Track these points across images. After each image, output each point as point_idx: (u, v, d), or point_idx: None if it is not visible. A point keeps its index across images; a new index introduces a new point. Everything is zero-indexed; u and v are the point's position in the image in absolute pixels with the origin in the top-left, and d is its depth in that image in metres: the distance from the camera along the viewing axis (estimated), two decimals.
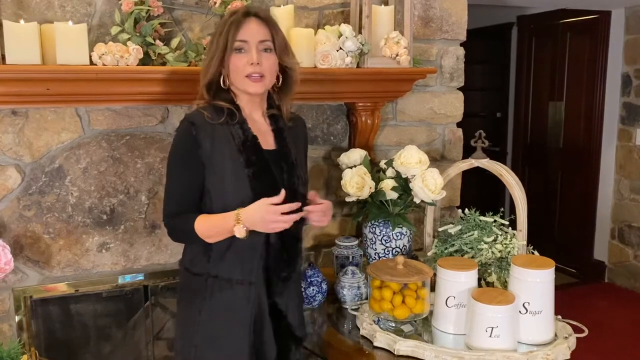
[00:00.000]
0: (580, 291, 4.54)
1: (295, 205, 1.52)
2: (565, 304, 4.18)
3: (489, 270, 1.99)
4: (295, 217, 1.51)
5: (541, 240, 4.65)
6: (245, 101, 1.64)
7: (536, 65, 5.12)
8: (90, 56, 1.83)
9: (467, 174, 2.34)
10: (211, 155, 1.56)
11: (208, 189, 1.58)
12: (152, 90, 1.95)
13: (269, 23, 1.59)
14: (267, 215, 1.49)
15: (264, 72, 1.58)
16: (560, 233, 5.03)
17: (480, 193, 4.42)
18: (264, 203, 1.50)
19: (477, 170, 2.19)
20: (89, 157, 2.04)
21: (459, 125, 2.68)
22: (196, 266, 1.65)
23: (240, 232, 1.51)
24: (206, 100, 1.62)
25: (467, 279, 1.79)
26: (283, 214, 1.49)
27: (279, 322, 1.69)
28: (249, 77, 1.57)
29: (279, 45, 1.60)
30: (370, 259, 2.19)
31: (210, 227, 1.56)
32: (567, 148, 4.90)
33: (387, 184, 2.10)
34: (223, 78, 1.60)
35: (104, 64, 1.83)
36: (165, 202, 1.62)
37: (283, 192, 1.52)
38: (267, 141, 1.65)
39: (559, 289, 1.78)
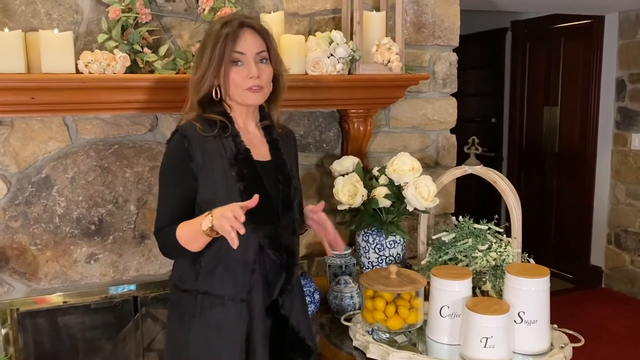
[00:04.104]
0: (577, 297, 4.52)
1: (253, 202, 1.40)
2: (563, 310, 4.18)
3: (483, 279, 1.96)
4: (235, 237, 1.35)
5: (537, 246, 4.65)
6: (239, 113, 1.61)
7: (531, 70, 5.12)
8: (76, 64, 1.80)
9: (464, 180, 2.32)
10: (202, 168, 1.52)
11: (199, 202, 1.54)
12: (140, 98, 1.92)
13: (264, 33, 1.56)
14: (226, 211, 1.36)
15: (263, 83, 1.56)
16: (557, 238, 5.01)
17: (477, 199, 4.40)
18: (235, 204, 1.39)
19: (474, 176, 2.17)
20: (77, 166, 2.01)
21: (454, 130, 2.66)
22: (185, 282, 1.60)
23: (205, 224, 1.40)
24: (196, 113, 1.58)
25: (461, 288, 1.75)
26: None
27: (285, 335, 1.65)
28: (249, 89, 1.54)
29: (274, 55, 1.59)
30: (364, 268, 2.16)
31: (187, 229, 1.47)
32: (562, 153, 4.89)
33: (380, 192, 2.07)
34: (215, 90, 1.56)
35: (90, 72, 1.80)
36: (158, 216, 1.57)
37: (256, 196, 1.40)
38: (262, 153, 1.62)
39: (556, 294, 1.76)
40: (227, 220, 1.35)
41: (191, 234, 1.47)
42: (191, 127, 1.54)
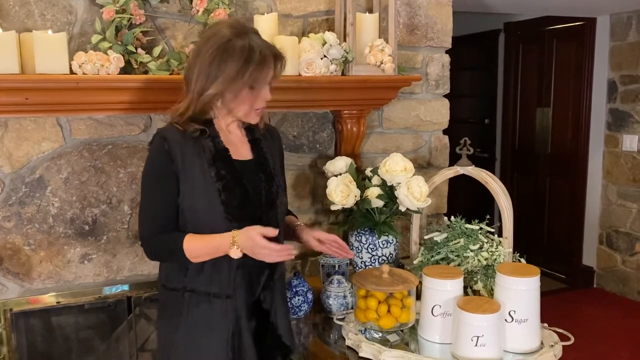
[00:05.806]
0: (569, 297, 4.55)
1: (274, 231, 1.50)
2: (555, 309, 4.21)
3: (475, 278, 1.97)
4: (288, 253, 1.51)
5: (530, 246, 4.68)
6: (223, 117, 1.62)
7: (523, 71, 5.15)
8: (70, 65, 1.80)
9: (458, 181, 2.33)
10: (182, 170, 1.53)
11: (181, 205, 1.55)
12: (134, 99, 1.92)
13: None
14: (256, 248, 1.49)
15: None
16: (549, 239, 5.04)
17: (470, 200, 4.42)
18: (256, 233, 1.48)
19: (466, 177, 2.18)
20: (71, 167, 2.01)
21: (447, 131, 2.68)
22: (172, 281, 1.61)
23: (236, 254, 1.51)
24: (180, 116, 1.57)
25: (453, 287, 1.77)
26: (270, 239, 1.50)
27: (267, 333, 1.67)
28: (256, 110, 1.58)
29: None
30: (357, 268, 2.18)
31: (202, 247, 1.53)
32: (555, 154, 4.92)
33: (373, 192, 2.08)
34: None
35: (84, 73, 1.80)
36: (142, 221, 1.57)
37: (276, 231, 1.50)
38: (242, 152, 1.64)
39: (548, 294, 1.78)
40: (267, 256, 1.50)
41: (207, 251, 1.53)
42: (171, 130, 1.56)
